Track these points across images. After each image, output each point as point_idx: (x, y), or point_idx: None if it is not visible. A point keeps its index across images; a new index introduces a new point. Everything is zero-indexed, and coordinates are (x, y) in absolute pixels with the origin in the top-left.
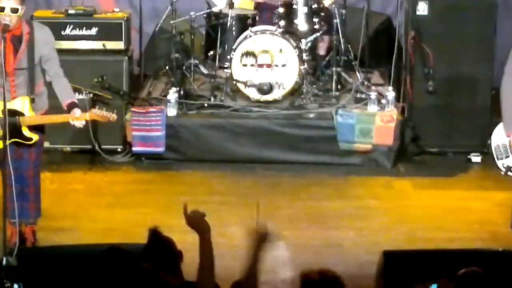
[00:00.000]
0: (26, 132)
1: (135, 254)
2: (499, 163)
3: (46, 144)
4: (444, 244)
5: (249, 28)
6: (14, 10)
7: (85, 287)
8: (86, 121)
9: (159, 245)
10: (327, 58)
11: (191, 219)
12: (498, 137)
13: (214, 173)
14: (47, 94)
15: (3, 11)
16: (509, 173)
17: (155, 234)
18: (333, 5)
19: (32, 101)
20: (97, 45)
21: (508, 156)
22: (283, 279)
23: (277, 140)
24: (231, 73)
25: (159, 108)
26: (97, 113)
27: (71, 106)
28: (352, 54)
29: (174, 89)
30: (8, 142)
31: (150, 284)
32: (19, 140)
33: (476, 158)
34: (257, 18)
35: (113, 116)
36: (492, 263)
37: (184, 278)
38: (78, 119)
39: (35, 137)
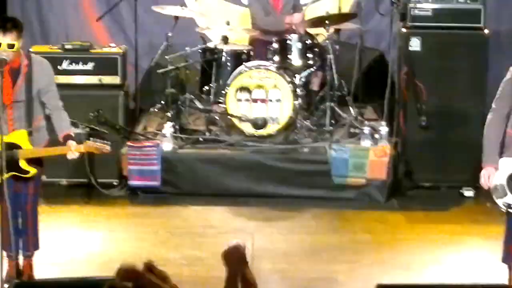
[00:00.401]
0: (23, 165)
1: None
2: (499, 201)
3: (43, 178)
4: (438, 278)
5: (244, 63)
6: (11, 46)
7: None
8: (82, 154)
9: (155, 279)
10: (320, 93)
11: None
12: (496, 177)
13: (210, 206)
14: (46, 127)
15: None
16: (509, 209)
17: (150, 269)
18: (327, 41)
19: (30, 134)
20: (93, 79)
21: (507, 195)
22: None
23: (271, 174)
24: (226, 108)
25: (155, 143)
26: (92, 145)
27: (67, 138)
28: (345, 89)
29: (169, 123)
30: (6, 176)
31: None
32: (17, 174)
33: (468, 193)
34: (251, 53)
35: (107, 148)
36: None
37: None
38: (73, 151)
39: (32, 170)
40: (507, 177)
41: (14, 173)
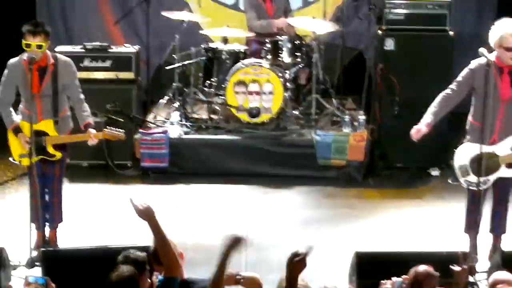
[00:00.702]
0: (50, 150)
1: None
2: (462, 180)
3: (67, 160)
4: (408, 246)
5: (241, 61)
6: (39, 46)
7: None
8: (101, 140)
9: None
10: (307, 87)
11: (139, 212)
12: (460, 159)
13: (211, 184)
14: (71, 117)
15: (29, 47)
16: (470, 187)
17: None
18: (313, 42)
19: (56, 123)
20: (110, 75)
21: (469, 174)
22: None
23: (264, 156)
24: (225, 99)
25: (164, 130)
26: (109, 132)
27: (87, 126)
28: (329, 83)
29: (176, 113)
30: (35, 159)
31: None
32: (44, 157)
33: (435, 172)
34: (247, 52)
35: (122, 135)
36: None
37: (183, 276)
38: (93, 137)
39: (58, 154)
40: (470, 160)
41: (42, 156)
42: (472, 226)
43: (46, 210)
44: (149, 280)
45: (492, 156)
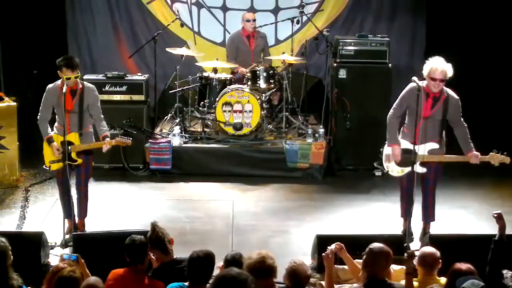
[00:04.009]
0: (74, 156)
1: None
2: (384, 165)
3: (92, 164)
4: (359, 231)
5: (227, 86)
6: (76, 77)
7: (114, 256)
8: (114, 147)
9: (157, 233)
10: (279, 106)
11: None
12: (385, 150)
13: (204, 182)
14: (93, 133)
15: (70, 79)
16: (389, 172)
17: (154, 227)
18: (283, 71)
19: (80, 135)
20: (126, 97)
21: (390, 162)
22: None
23: (245, 161)
24: (215, 116)
25: (167, 140)
26: (119, 140)
27: (104, 137)
28: (296, 104)
29: (177, 127)
30: (62, 164)
31: None
32: (69, 162)
33: (378, 173)
34: (232, 80)
35: (129, 142)
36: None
37: (173, 256)
38: (107, 144)
39: (79, 160)
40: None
41: (68, 162)
42: (405, 211)
43: (75, 205)
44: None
45: (413, 152)
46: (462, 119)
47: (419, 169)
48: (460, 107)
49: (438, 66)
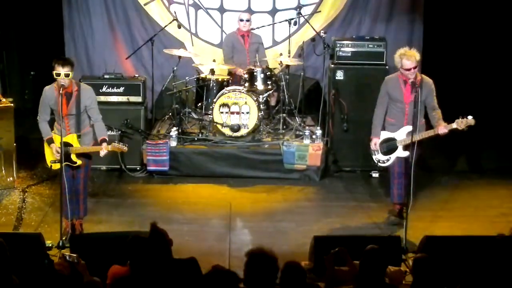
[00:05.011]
0: (73, 158)
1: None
2: (374, 157)
3: (91, 166)
4: (355, 232)
5: (225, 87)
6: (67, 75)
7: (115, 259)
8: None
9: (157, 234)
10: (276, 108)
11: None
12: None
13: (201, 184)
14: (92, 133)
15: (59, 76)
16: (379, 164)
17: (154, 227)
18: (281, 73)
19: (79, 137)
20: (123, 99)
21: (379, 153)
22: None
23: (243, 162)
24: (212, 118)
25: (165, 141)
26: (115, 145)
27: (102, 141)
28: (293, 105)
29: (174, 128)
30: (61, 165)
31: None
32: (69, 163)
33: (375, 174)
34: (230, 81)
35: (125, 149)
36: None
37: (173, 256)
38: (103, 149)
39: (79, 162)
40: (379, 142)
41: (67, 163)
42: (396, 195)
43: (74, 204)
44: None
45: (392, 139)
46: (436, 103)
47: (402, 153)
48: (434, 90)
49: (409, 57)
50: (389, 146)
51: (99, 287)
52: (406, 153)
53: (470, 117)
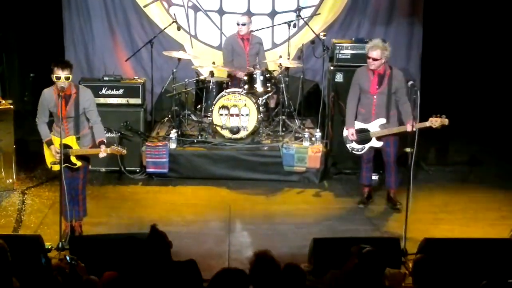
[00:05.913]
0: (73, 159)
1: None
2: (348, 146)
3: (89, 167)
4: (352, 234)
5: (224, 90)
6: (67, 78)
7: (114, 261)
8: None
9: (156, 236)
10: (275, 110)
11: None
12: (344, 132)
13: (201, 186)
14: (91, 135)
15: (59, 79)
16: (353, 151)
17: (153, 229)
18: (280, 75)
19: (78, 139)
20: (123, 101)
21: (352, 142)
22: (246, 257)
23: (242, 164)
24: (212, 120)
25: (164, 143)
26: (114, 148)
27: (101, 143)
28: (292, 107)
29: (174, 130)
30: (59, 166)
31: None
32: (68, 165)
33: (374, 177)
34: (229, 83)
35: (124, 152)
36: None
37: (172, 259)
38: (102, 152)
39: (78, 163)
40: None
41: (67, 164)
42: (365, 178)
43: (73, 206)
44: None
45: (366, 130)
46: (407, 96)
47: (376, 143)
48: (404, 82)
49: (373, 46)
50: (362, 137)
51: (96, 286)
52: (380, 144)
53: (444, 119)
